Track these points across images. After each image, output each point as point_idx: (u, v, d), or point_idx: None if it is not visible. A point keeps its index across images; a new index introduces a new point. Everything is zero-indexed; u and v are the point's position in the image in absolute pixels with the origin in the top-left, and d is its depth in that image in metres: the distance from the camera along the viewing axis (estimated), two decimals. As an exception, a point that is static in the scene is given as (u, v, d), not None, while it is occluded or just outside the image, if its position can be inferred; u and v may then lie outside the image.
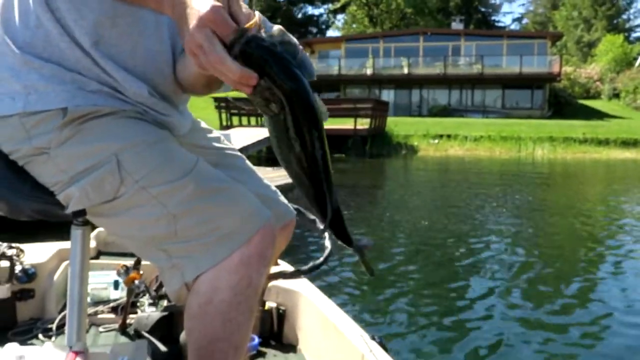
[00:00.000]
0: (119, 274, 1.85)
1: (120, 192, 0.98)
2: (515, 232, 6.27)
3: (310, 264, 1.77)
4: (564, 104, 32.87)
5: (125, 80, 1.02)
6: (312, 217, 1.74)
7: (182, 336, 1.55)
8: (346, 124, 18.30)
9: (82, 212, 1.03)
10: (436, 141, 19.38)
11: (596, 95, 35.72)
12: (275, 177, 8.68)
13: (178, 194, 0.97)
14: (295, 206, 1.74)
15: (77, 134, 0.99)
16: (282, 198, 1.32)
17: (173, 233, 0.96)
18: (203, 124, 1.33)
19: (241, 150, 8.70)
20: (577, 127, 21.56)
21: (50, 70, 0.99)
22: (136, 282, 1.81)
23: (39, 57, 0.98)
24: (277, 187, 5.41)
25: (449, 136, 19.75)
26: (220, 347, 0.98)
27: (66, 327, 1.21)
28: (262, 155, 14.33)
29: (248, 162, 1.31)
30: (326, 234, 1.78)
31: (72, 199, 1.00)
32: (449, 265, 4.78)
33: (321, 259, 1.76)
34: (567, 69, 35.62)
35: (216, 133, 1.33)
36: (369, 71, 33.94)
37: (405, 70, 33.58)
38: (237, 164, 1.28)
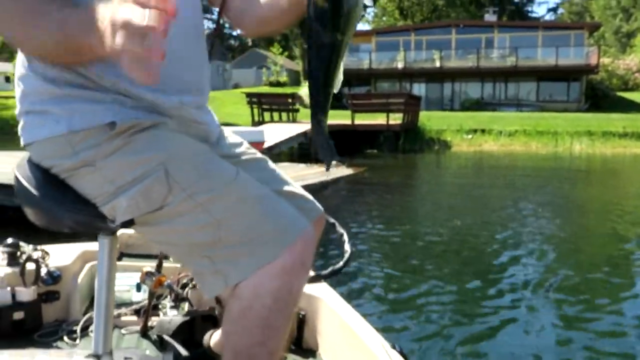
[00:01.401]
0: (143, 278, 1.84)
1: (168, 200, 1.00)
2: (552, 233, 6.10)
3: (330, 268, 1.80)
4: (601, 96, 31.98)
5: (158, 98, 1.07)
6: (332, 220, 1.74)
7: (205, 339, 1.56)
8: (378, 119, 18.17)
9: (130, 222, 1.05)
10: (470, 136, 19.08)
11: (635, 87, 34.64)
12: (307, 174, 8.69)
13: (223, 202, 1.01)
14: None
15: (125, 146, 1.02)
16: (309, 196, 1.33)
17: (217, 239, 0.99)
18: (225, 131, 1.35)
19: (273, 146, 8.81)
20: (615, 120, 20.96)
21: (89, 95, 1.03)
22: (165, 283, 1.81)
23: (75, 87, 1.02)
24: (309, 185, 5.42)
25: (482, 131, 19.42)
26: (257, 351, 1.00)
27: (93, 334, 1.23)
28: (294, 151, 14.34)
29: (272, 163, 1.32)
30: (345, 238, 1.78)
31: (119, 209, 1.03)
32: (479, 270, 4.62)
33: (341, 263, 1.78)
34: (605, 60, 34.62)
35: (236, 137, 1.34)
36: (400, 65, 33.60)
37: (437, 64, 33.14)
38: (262, 166, 1.30)
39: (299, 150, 14.04)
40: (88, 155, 1.02)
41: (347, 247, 1.80)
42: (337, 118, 18.14)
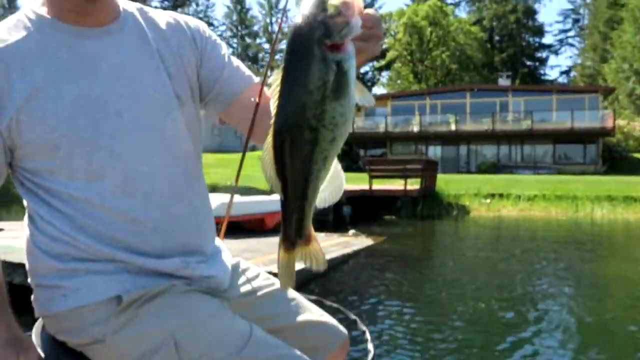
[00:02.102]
0: None
1: None
2: (575, 310, 5.92)
3: None
4: (618, 158, 31.89)
5: (160, 264, 1.09)
6: (353, 317, 1.68)
7: None
8: (395, 183, 18.21)
9: None
10: (488, 201, 18.98)
11: (652, 149, 34.54)
12: (328, 246, 8.64)
13: None
14: (336, 305, 1.68)
15: (133, 319, 1.04)
16: (332, 321, 1.30)
17: None
18: (242, 263, 1.33)
19: None
20: (636, 184, 20.76)
21: (93, 267, 1.06)
22: None
23: (80, 261, 1.06)
24: (331, 259, 5.36)
25: (501, 195, 19.31)
26: None
27: None
28: (312, 217, 14.31)
29: (291, 292, 1.29)
30: (367, 336, 1.69)
31: None
32: (503, 349, 4.50)
33: None
34: (620, 122, 34.72)
35: (252, 270, 1.32)
36: (415, 128, 34.03)
37: (453, 127, 33.50)
38: (280, 298, 1.27)
39: (317, 217, 14.03)
40: (97, 331, 1.03)
41: (370, 346, 1.74)
42: (355, 182, 18.20)
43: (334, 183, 0.90)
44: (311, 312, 1.27)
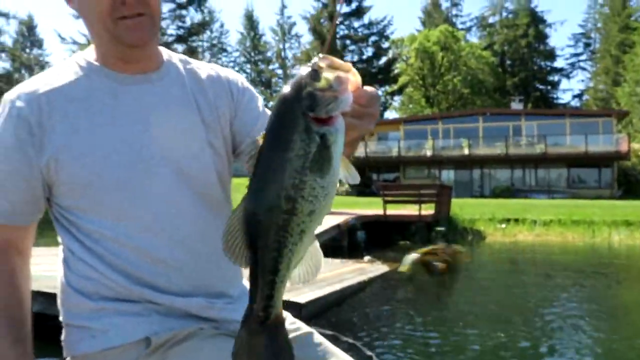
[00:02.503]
0: None
1: None
2: (595, 337, 5.83)
3: None
4: (634, 182, 31.58)
5: (185, 304, 1.11)
6: (369, 353, 1.66)
7: None
8: (408, 208, 18.13)
9: None
10: (503, 226, 18.82)
11: (668, 173, 34.19)
12: (344, 272, 8.61)
13: None
14: (351, 341, 1.67)
15: None
16: None
17: None
18: None
19: None
20: (653, 209, 20.51)
21: (122, 307, 1.08)
22: None
23: (109, 300, 1.09)
24: (348, 287, 5.32)
25: (516, 220, 19.14)
26: None
27: None
28: (328, 244, 14.28)
29: (317, 336, 1.27)
30: None
31: None
32: None
33: None
34: (635, 145, 34.47)
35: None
36: (428, 152, 34.04)
37: (466, 151, 33.46)
38: (307, 342, 1.24)
39: (332, 243, 13.98)
40: None
41: None
42: (369, 207, 18.18)
43: (311, 260, 0.85)
44: (338, 358, 1.27)
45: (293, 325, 1.31)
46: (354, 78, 0.83)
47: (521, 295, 8.75)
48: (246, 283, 1.30)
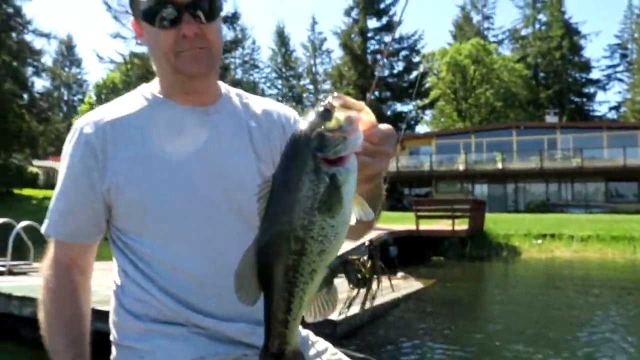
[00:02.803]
0: None
1: None
2: (636, 358, 5.62)
3: None
4: (676, 196, 30.60)
5: (228, 329, 1.14)
6: None
7: None
8: (441, 223, 17.94)
9: None
10: (539, 241, 18.43)
11: None
12: (377, 290, 8.53)
13: None
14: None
15: None
16: None
17: None
18: (311, 336, 1.34)
19: (340, 255, 8.52)
20: (697, 224, 19.77)
21: (169, 330, 1.12)
22: None
23: (157, 322, 1.13)
24: (381, 305, 5.30)
25: (552, 236, 18.71)
26: None
27: None
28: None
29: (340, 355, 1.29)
30: None
31: None
32: None
33: None
34: (676, 158, 33.46)
35: (321, 343, 1.32)
36: (461, 166, 33.65)
37: (499, 165, 32.97)
38: None
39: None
40: None
41: None
42: (401, 222, 18.02)
43: (326, 296, 0.85)
44: None
45: (335, 356, 1.31)
46: (366, 117, 0.83)
47: (559, 313, 8.54)
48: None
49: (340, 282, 8.85)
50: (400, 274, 10.46)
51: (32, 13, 51.40)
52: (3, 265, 8.46)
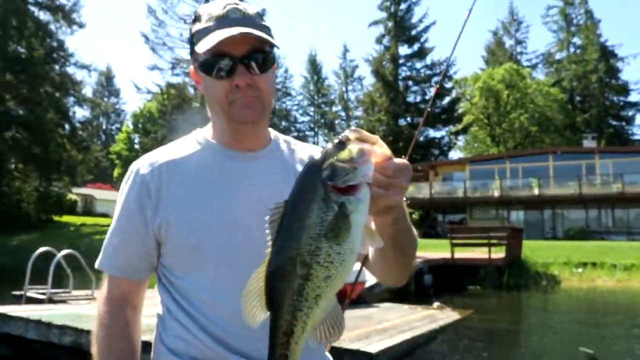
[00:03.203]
0: None
1: None
2: None
3: None
4: None
5: None
6: None
7: None
8: (476, 251, 17.61)
9: None
10: (580, 270, 17.87)
11: None
12: (413, 319, 8.38)
13: None
14: None
15: None
16: None
17: None
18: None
19: (374, 286, 8.52)
20: None
21: None
22: None
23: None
24: (418, 335, 5.15)
25: (594, 264, 18.14)
26: None
27: None
28: (393, 288, 14.01)
29: None
30: None
31: None
32: None
33: None
34: None
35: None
36: (496, 192, 33.08)
37: (536, 191, 32.28)
38: None
39: (398, 287, 13.71)
40: None
41: None
42: (435, 249, 17.75)
43: (332, 321, 0.87)
44: None
45: None
46: (380, 150, 0.87)
47: (603, 346, 8.21)
48: (329, 356, 1.34)
49: (376, 312, 8.72)
50: (436, 304, 10.26)
51: (74, 46, 53.35)
52: (43, 293, 8.62)
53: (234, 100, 1.22)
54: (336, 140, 0.85)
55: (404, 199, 0.97)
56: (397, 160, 0.90)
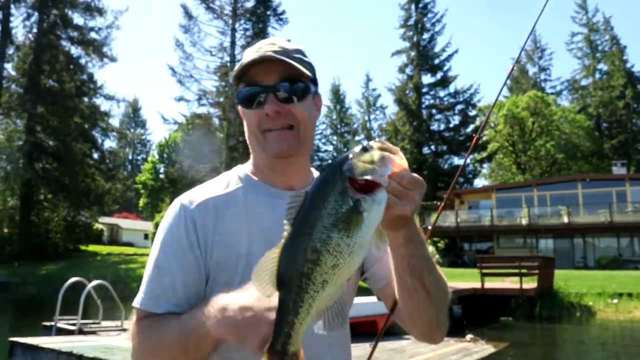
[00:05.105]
0: None
1: None
2: None
3: None
4: None
5: None
6: None
7: None
8: (505, 281, 17.19)
9: None
10: (615, 301, 17.31)
11: None
12: (446, 353, 8.14)
13: None
14: None
15: None
16: None
17: None
18: None
19: None
20: None
21: None
22: None
23: None
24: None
25: (629, 295, 17.56)
26: None
27: None
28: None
29: None
30: None
31: None
32: None
33: None
34: None
35: None
36: (524, 221, 32.47)
37: (565, 219, 31.60)
38: None
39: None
40: None
41: None
42: (463, 279, 17.39)
43: (336, 310, 0.92)
44: None
45: None
46: (399, 160, 0.93)
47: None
48: None
49: (409, 344, 8.49)
50: (469, 336, 9.99)
51: (103, 78, 54.65)
52: (73, 324, 8.62)
53: (268, 131, 1.22)
54: (360, 146, 0.92)
55: (423, 226, 0.96)
56: (416, 175, 0.95)
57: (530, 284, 16.55)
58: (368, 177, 0.88)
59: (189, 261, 1.19)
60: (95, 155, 39.86)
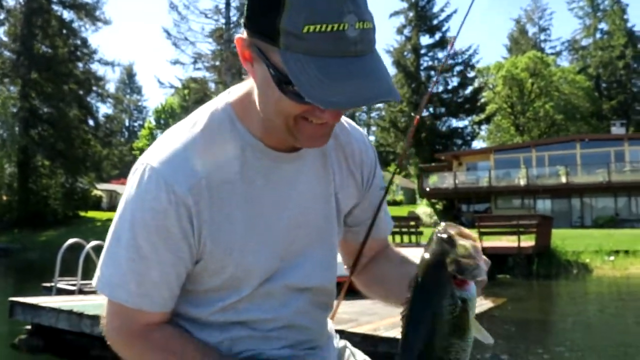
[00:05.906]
0: None
1: None
2: None
3: None
4: None
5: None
6: None
7: None
8: (503, 240, 17.30)
9: None
10: (612, 258, 17.47)
11: None
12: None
13: None
14: None
15: None
16: None
17: None
18: (348, 346, 1.30)
19: None
20: None
21: None
22: None
23: None
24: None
25: (626, 252, 17.71)
26: None
27: None
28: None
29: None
30: None
31: None
32: None
33: None
34: None
35: (360, 355, 1.29)
36: (522, 181, 32.54)
37: (563, 179, 31.67)
38: None
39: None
40: None
41: None
42: (462, 240, 17.43)
43: None
44: None
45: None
46: (477, 243, 0.90)
47: (635, 333, 7.97)
48: (330, 323, 1.29)
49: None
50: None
51: (97, 43, 54.01)
52: (74, 284, 8.65)
53: (304, 122, 0.95)
54: (443, 236, 0.88)
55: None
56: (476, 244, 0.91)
57: (528, 242, 16.67)
58: (479, 278, 0.87)
59: (183, 251, 1.01)
60: (91, 122, 39.58)
